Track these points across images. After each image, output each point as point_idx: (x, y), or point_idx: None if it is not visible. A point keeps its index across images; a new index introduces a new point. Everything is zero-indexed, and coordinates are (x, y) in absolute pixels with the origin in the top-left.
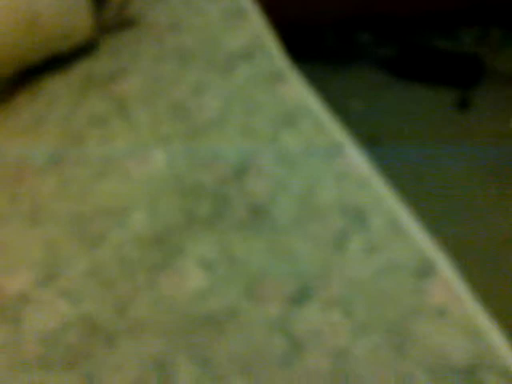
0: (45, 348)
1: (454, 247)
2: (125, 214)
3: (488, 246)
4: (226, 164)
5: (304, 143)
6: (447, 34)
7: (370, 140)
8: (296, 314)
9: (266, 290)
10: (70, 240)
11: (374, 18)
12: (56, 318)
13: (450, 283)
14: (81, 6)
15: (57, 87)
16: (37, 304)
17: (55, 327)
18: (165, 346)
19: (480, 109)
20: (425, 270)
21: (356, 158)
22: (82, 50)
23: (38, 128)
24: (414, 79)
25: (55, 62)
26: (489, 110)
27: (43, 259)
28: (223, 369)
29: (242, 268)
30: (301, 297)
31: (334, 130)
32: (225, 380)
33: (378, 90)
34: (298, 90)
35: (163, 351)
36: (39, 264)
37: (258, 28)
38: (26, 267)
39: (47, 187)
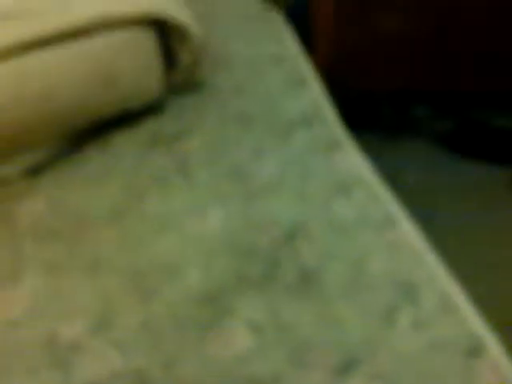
0: None
1: (504, 329)
2: (179, 270)
3: None
4: (279, 227)
5: (357, 212)
6: (507, 112)
7: (424, 215)
8: None
9: (311, 357)
10: (125, 292)
11: (432, 91)
12: (105, 368)
13: (498, 364)
14: (154, 68)
15: (123, 143)
16: (88, 352)
17: (104, 376)
18: None
19: None
20: (474, 350)
21: (409, 231)
22: (150, 109)
23: (103, 181)
24: (470, 156)
25: (124, 119)
26: None
27: (98, 309)
28: None
29: (288, 333)
30: (346, 368)
31: (388, 202)
32: None
33: (433, 165)
34: (353, 159)
35: None
36: (94, 314)
37: (317, 96)
38: (81, 316)
39: (107, 240)
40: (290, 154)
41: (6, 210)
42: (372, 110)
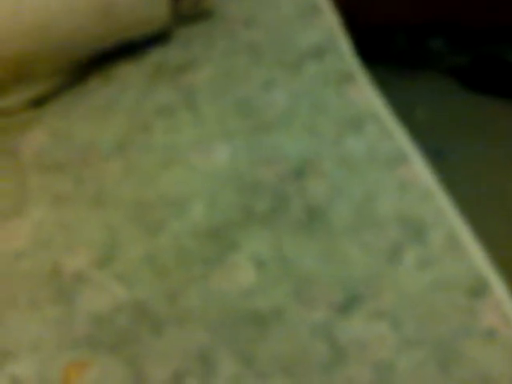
0: (94, 328)
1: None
2: (185, 204)
3: None
4: (287, 163)
5: (367, 148)
6: None
7: (435, 151)
8: (342, 322)
9: (314, 293)
10: (129, 225)
11: (449, 25)
12: (109, 300)
13: (501, 305)
14: None
15: (128, 74)
16: (92, 285)
17: (107, 309)
18: (210, 338)
19: None
20: (478, 290)
21: (420, 169)
22: (156, 39)
23: (107, 114)
24: (484, 91)
25: (128, 49)
26: None
27: (102, 242)
28: (264, 367)
29: (292, 269)
30: (349, 305)
31: (399, 138)
32: (264, 378)
33: (447, 100)
34: (365, 93)
35: (207, 343)
36: (98, 246)
37: (330, 26)
38: (85, 248)
39: (112, 172)
40: (301, 87)
41: (10, 142)
42: (386, 42)
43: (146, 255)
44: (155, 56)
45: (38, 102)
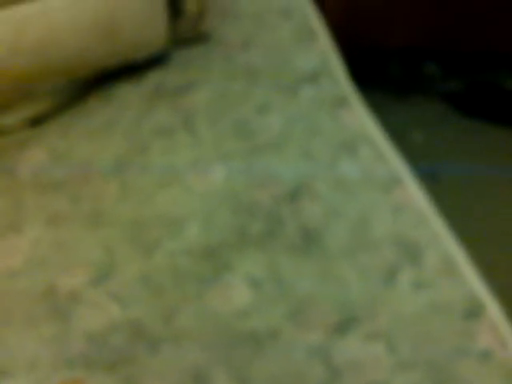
0: (90, 347)
1: (504, 293)
2: (181, 224)
3: None
4: (282, 185)
5: (362, 171)
6: None
7: (429, 175)
8: (338, 343)
9: (310, 315)
10: (126, 244)
11: (444, 50)
12: (104, 319)
13: (496, 327)
14: (159, 19)
15: (127, 95)
16: (88, 303)
17: (103, 328)
18: (205, 358)
19: None
20: (473, 312)
21: (414, 192)
22: (155, 61)
23: (106, 133)
24: (478, 117)
25: (128, 71)
26: None
27: (98, 261)
28: None
29: (288, 290)
30: (344, 326)
31: (394, 161)
32: None
33: (441, 125)
34: (360, 117)
35: (203, 363)
36: (94, 265)
37: (325, 51)
38: (82, 267)
39: (109, 192)
40: (297, 110)
41: (8, 160)
42: (381, 66)
43: (141, 274)
44: (154, 78)
45: (37, 121)
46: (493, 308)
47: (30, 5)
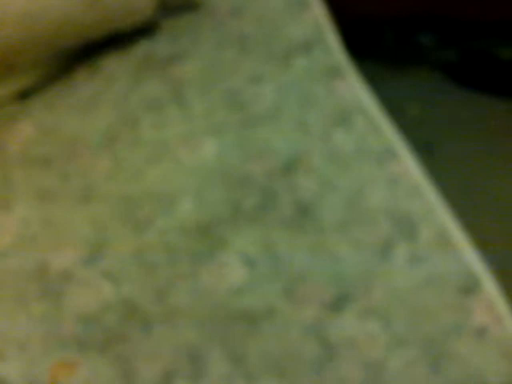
0: (82, 327)
1: (500, 265)
2: (172, 200)
3: None
4: (276, 158)
5: (356, 143)
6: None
7: (425, 147)
8: (333, 320)
9: (304, 292)
10: (117, 221)
11: (438, 19)
12: (97, 299)
13: (492, 303)
14: None
15: (115, 67)
16: (79, 282)
17: (95, 307)
18: (199, 337)
19: None
20: (468, 287)
21: (409, 164)
22: (143, 31)
23: (94, 107)
24: (474, 87)
25: (115, 41)
26: None
27: (90, 238)
28: (254, 367)
29: (282, 267)
30: (339, 303)
31: (389, 133)
32: (255, 378)
33: (436, 96)
34: (354, 88)
35: (197, 342)
36: (85, 243)
37: (319, 19)
38: (73, 245)
39: (99, 167)
40: (290, 81)
41: None
42: (375, 36)
43: (133, 253)
44: (142, 48)
45: (25, 95)
46: (488, 284)
47: None
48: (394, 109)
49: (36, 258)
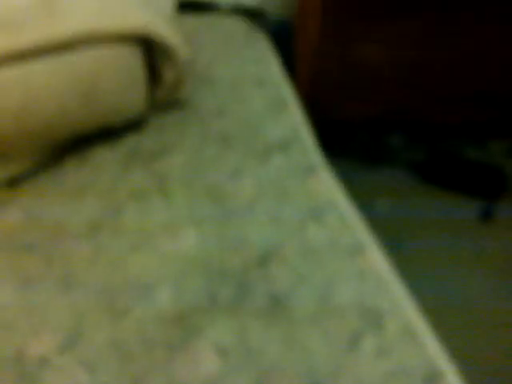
0: None
1: (463, 360)
2: (151, 289)
3: (495, 360)
4: (252, 250)
5: (328, 238)
6: (478, 144)
7: (393, 242)
8: None
9: (277, 382)
10: (96, 310)
11: (407, 121)
12: None
13: None
14: (137, 85)
15: (103, 158)
16: (56, 370)
17: None
18: None
19: (501, 221)
20: (433, 378)
21: (377, 259)
22: (131, 125)
23: (81, 195)
24: (441, 185)
25: (105, 134)
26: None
27: (68, 326)
28: None
29: (256, 357)
30: None
31: (359, 229)
32: None
33: (406, 193)
34: (327, 185)
35: None
36: (63, 330)
37: (296, 120)
38: (50, 332)
39: (81, 254)
40: (267, 177)
41: None
42: (349, 136)
43: (110, 341)
44: (130, 142)
45: (13, 183)
46: (450, 374)
47: (9, 69)
48: (366, 206)
49: (14, 343)
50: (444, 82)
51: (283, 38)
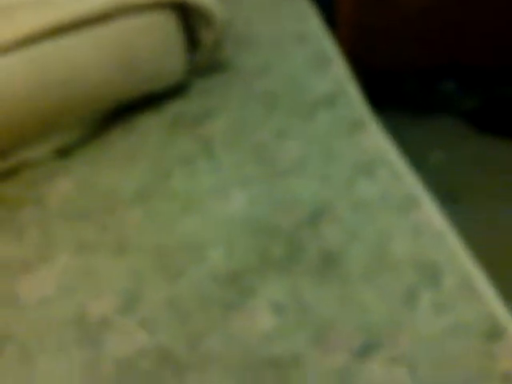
0: (119, 373)
1: None
2: (203, 250)
3: None
4: (302, 208)
5: (380, 193)
6: None
7: (448, 195)
8: (360, 367)
9: (332, 339)
10: (151, 271)
11: (460, 67)
12: (133, 346)
13: None
14: (176, 50)
15: (148, 125)
16: (117, 330)
17: (131, 354)
18: (230, 383)
19: None
20: (493, 334)
21: (432, 212)
22: (173, 91)
23: (130, 162)
24: (497, 133)
25: (148, 101)
26: None
27: (126, 288)
28: None
29: (310, 314)
30: (367, 350)
31: (411, 182)
32: None
33: (459, 143)
34: (376, 139)
35: None
36: (122, 292)
37: (341, 75)
38: (110, 294)
39: (134, 219)
40: (314, 135)
41: (37, 192)
42: (396, 86)
43: (167, 301)
44: (173, 107)
45: (64, 153)
46: None
47: (52, 43)
48: (418, 158)
49: (76, 306)
50: (498, 22)
51: None
